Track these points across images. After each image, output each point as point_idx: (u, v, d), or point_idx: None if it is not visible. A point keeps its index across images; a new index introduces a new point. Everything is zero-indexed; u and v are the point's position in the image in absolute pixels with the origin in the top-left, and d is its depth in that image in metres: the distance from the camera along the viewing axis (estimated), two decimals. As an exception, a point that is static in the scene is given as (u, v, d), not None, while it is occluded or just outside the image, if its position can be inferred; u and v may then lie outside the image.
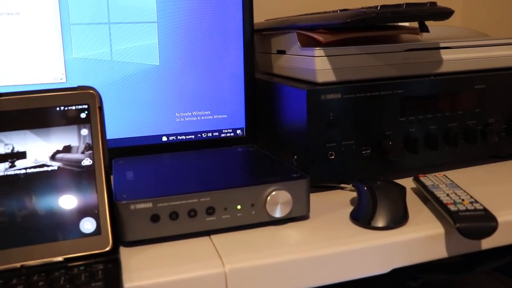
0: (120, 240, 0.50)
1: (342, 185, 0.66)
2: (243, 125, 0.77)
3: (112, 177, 0.57)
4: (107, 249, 0.48)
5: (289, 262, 0.47)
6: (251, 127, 0.78)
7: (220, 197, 0.51)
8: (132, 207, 0.49)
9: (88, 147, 0.50)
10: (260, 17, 0.90)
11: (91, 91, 0.52)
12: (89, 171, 0.50)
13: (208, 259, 0.47)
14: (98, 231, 0.48)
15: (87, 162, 0.50)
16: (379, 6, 0.60)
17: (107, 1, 0.68)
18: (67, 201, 0.48)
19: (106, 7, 0.69)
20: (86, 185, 0.49)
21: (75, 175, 0.49)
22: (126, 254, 0.49)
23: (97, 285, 0.42)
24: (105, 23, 0.69)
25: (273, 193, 0.52)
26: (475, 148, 0.72)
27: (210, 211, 0.51)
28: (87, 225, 0.48)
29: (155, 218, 0.50)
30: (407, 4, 0.61)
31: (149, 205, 0.50)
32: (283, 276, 0.47)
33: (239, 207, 0.52)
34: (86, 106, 0.51)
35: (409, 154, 0.68)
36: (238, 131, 0.77)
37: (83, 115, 0.51)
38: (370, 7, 0.61)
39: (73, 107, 0.51)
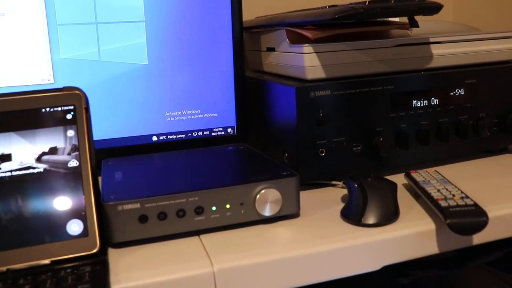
0: (108, 241, 0.49)
1: (333, 182, 0.66)
2: (233, 123, 0.77)
3: (100, 178, 0.57)
4: (95, 251, 0.47)
5: (278, 261, 0.47)
6: (241, 126, 0.77)
7: (208, 197, 0.51)
8: (120, 208, 0.49)
9: (75, 149, 0.50)
10: (249, 14, 0.90)
11: (77, 92, 0.51)
12: (76, 172, 0.49)
13: (196, 259, 0.46)
14: (85, 233, 0.48)
15: (73, 163, 0.49)
16: (367, 2, 0.59)
17: (93, 0, 0.68)
18: (54, 203, 0.48)
19: (93, 7, 0.68)
20: (72, 187, 0.49)
21: (61, 177, 0.49)
22: (114, 256, 0.48)
23: (84, 287, 0.41)
24: (92, 23, 0.69)
25: (262, 191, 0.52)
26: (467, 143, 0.72)
27: (199, 210, 0.51)
28: (74, 227, 0.48)
29: (143, 219, 0.49)
30: (396, -1, 0.61)
31: (137, 205, 0.49)
32: (272, 275, 0.47)
33: (228, 206, 0.52)
34: (72, 107, 0.51)
35: (400, 150, 0.68)
36: (229, 130, 0.77)
37: (69, 116, 0.51)
38: (358, 3, 0.60)
39: (59, 108, 0.50)
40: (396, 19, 0.77)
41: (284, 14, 0.73)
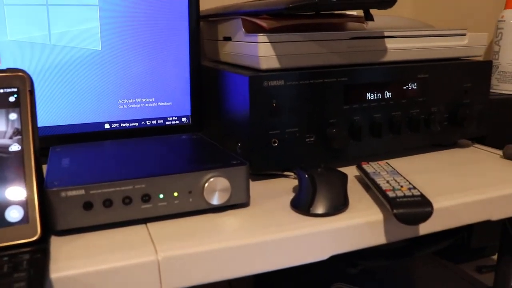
0: (51, 229, 0.48)
1: (286, 173, 0.66)
2: (188, 113, 0.76)
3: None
4: (35, 238, 0.46)
5: (224, 249, 0.47)
6: (196, 115, 0.76)
7: (155, 184, 0.50)
8: (63, 194, 0.47)
9: (17, 132, 0.48)
10: (208, 3, 0.89)
11: (21, 74, 0.50)
12: (17, 157, 0.47)
13: (141, 247, 0.45)
14: (25, 220, 0.46)
15: (15, 147, 0.48)
16: (322, -7, 0.59)
17: (44, -19, 0.66)
18: (-8, 189, 0.46)
19: (44, -12, 0.66)
20: (13, 172, 0.47)
21: (1, 161, 0.47)
22: (57, 244, 0.47)
23: (19, 276, 0.40)
24: (42, 5, 0.66)
25: (211, 179, 0.51)
26: (418, 136, 0.73)
27: (146, 198, 0.50)
28: (14, 213, 0.46)
29: (87, 206, 0.48)
30: (350, -8, 0.61)
31: (81, 192, 0.48)
32: (218, 264, 0.47)
33: (176, 194, 0.51)
34: (15, 90, 0.49)
35: (353, 142, 0.68)
36: (184, 119, 0.76)
37: (11, 99, 0.49)
38: (314, -6, 0.60)
39: (1, 90, 0.49)
40: (353, 13, 0.77)
41: (241, 3, 0.73)
